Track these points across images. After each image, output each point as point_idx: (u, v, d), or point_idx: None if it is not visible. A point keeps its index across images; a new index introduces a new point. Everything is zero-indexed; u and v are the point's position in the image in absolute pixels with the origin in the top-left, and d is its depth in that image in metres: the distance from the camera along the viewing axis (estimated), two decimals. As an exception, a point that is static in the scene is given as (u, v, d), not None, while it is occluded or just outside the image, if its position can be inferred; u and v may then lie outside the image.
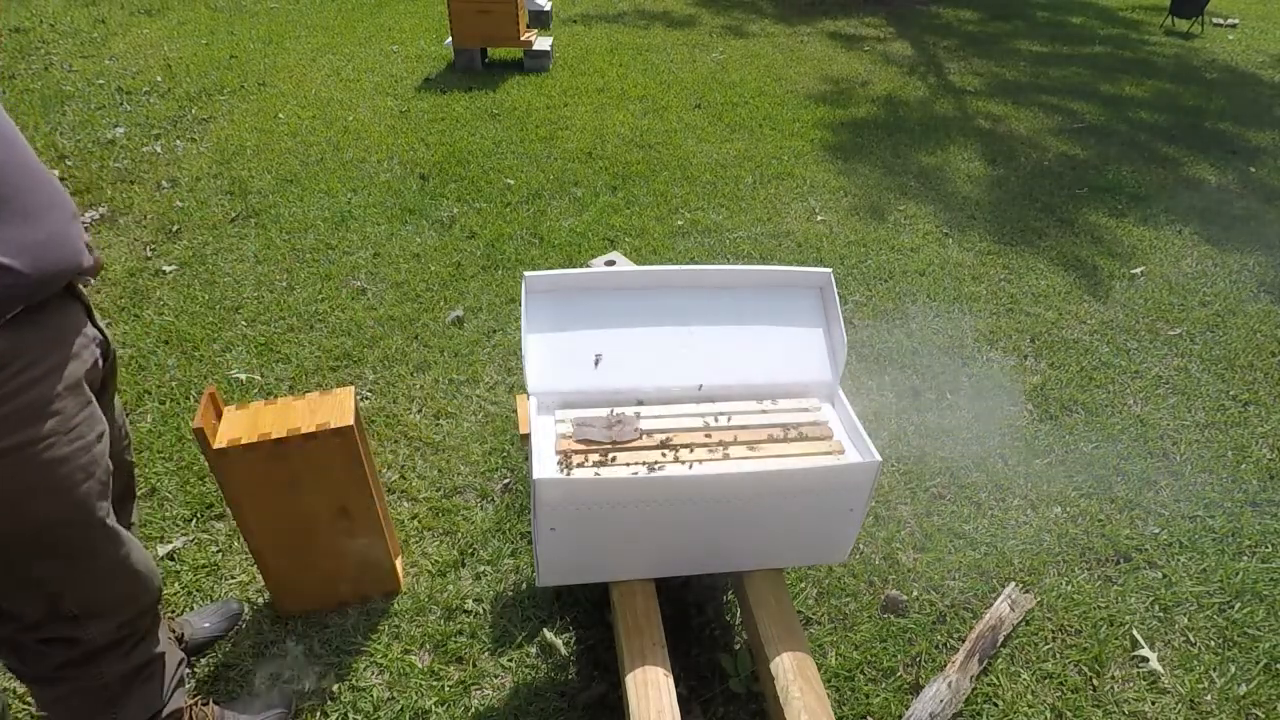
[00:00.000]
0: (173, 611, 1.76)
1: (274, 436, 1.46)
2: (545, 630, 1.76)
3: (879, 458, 1.41)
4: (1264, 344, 2.94)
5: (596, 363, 1.53)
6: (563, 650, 1.73)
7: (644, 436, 1.48)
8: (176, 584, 1.83)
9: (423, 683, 1.66)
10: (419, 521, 2.02)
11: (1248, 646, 1.84)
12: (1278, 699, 1.73)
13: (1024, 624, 1.85)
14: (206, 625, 1.68)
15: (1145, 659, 1.79)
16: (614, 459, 1.42)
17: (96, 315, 1.18)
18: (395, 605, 1.81)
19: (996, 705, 1.68)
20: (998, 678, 1.73)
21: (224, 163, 3.84)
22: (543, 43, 5.47)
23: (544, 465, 1.40)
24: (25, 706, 1.58)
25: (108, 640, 1.20)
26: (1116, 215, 3.87)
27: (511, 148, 4.19)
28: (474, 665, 1.70)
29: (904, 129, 4.80)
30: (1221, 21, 7.92)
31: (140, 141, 4.00)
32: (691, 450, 1.46)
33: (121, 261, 3.03)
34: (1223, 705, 1.71)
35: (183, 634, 1.62)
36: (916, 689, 1.69)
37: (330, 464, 1.53)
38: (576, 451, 1.43)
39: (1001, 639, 1.77)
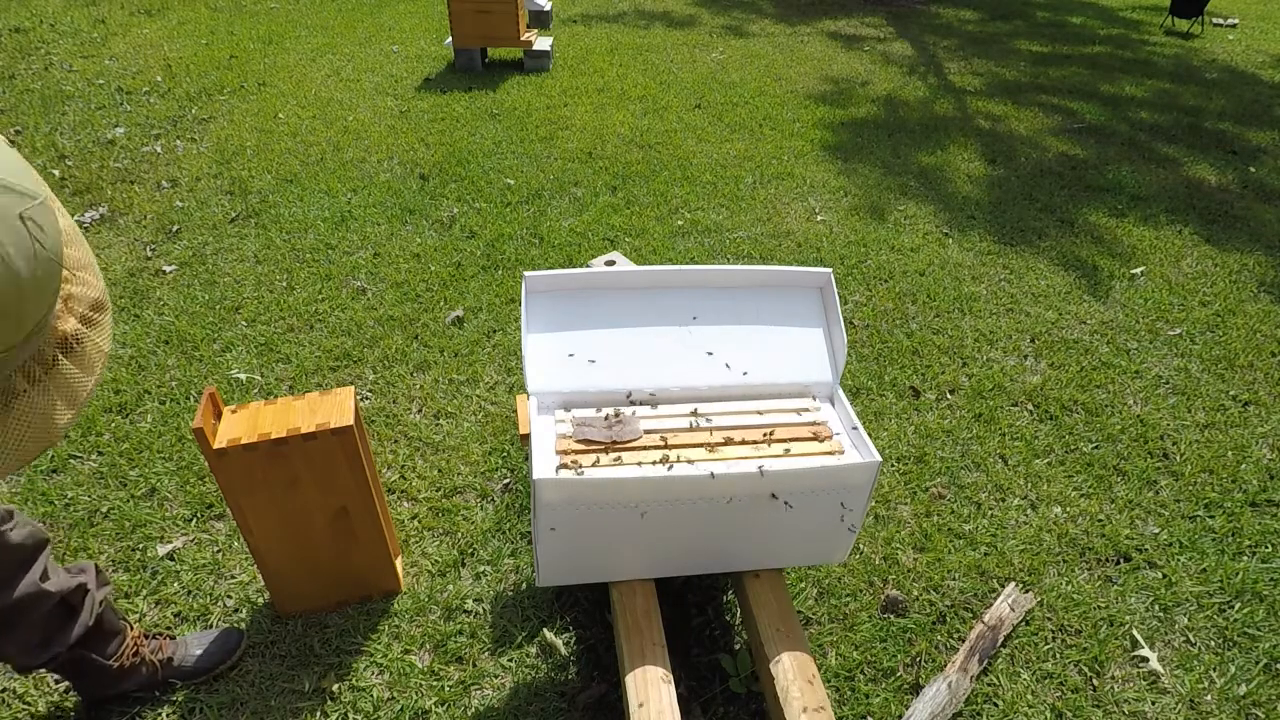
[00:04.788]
0: (169, 627, 1.75)
1: (274, 436, 1.46)
2: (545, 630, 1.76)
3: (879, 458, 1.41)
4: (1264, 344, 2.94)
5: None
6: (563, 650, 1.73)
7: (644, 436, 1.48)
8: (176, 584, 1.83)
9: (423, 683, 1.66)
10: (419, 521, 2.03)
11: (1248, 646, 1.84)
12: (1278, 699, 1.73)
13: (1024, 624, 1.85)
14: (198, 653, 1.62)
15: (1145, 659, 1.79)
16: (614, 459, 1.42)
17: None
18: (395, 605, 1.81)
19: (996, 705, 1.68)
20: (998, 678, 1.73)
21: (224, 163, 3.84)
22: (543, 43, 5.47)
23: (544, 465, 1.40)
24: (25, 706, 1.58)
25: None
26: (1116, 215, 3.87)
27: (511, 148, 4.20)
28: (474, 665, 1.70)
29: (904, 129, 4.80)
30: (1221, 21, 7.92)
31: (140, 141, 4.01)
32: (691, 450, 1.46)
33: (121, 261, 3.03)
34: (1223, 705, 1.71)
35: (171, 657, 1.58)
36: (916, 689, 1.69)
37: (330, 464, 1.53)
38: (576, 451, 1.43)
39: (1001, 639, 1.77)
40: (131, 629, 1.56)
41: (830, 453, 1.49)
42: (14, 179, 0.69)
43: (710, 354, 1.60)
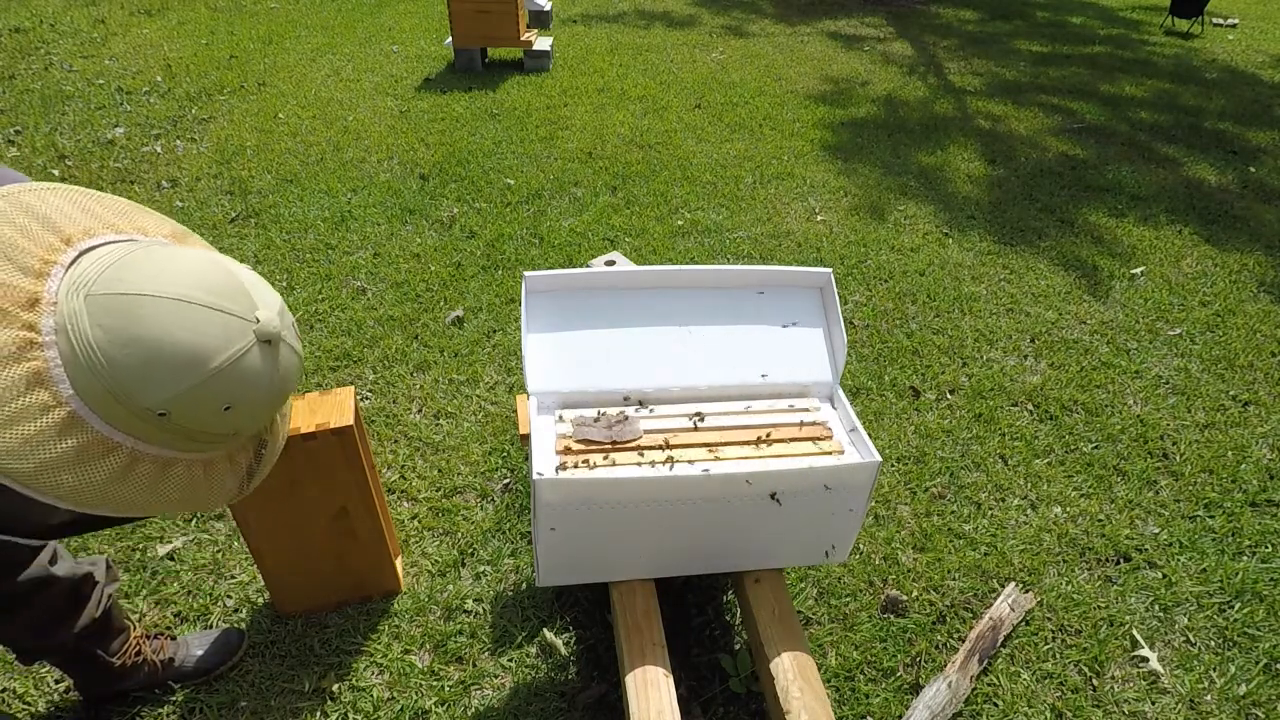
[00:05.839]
0: (169, 627, 1.75)
1: (274, 436, 1.46)
2: (545, 630, 1.76)
3: (879, 458, 1.41)
4: (1264, 344, 2.94)
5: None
6: (563, 650, 1.73)
7: (644, 436, 1.48)
8: (176, 584, 1.83)
9: (423, 683, 1.66)
10: (419, 521, 2.02)
11: (1248, 646, 1.84)
12: (1278, 699, 1.73)
13: (1024, 624, 1.85)
14: (199, 654, 1.62)
15: (1145, 659, 1.79)
16: (614, 459, 1.42)
17: None
18: (395, 605, 1.81)
19: (996, 705, 1.68)
20: (998, 678, 1.73)
21: (224, 163, 3.84)
22: (543, 43, 5.47)
23: (544, 465, 1.40)
24: (25, 706, 1.58)
25: None
26: (1116, 215, 3.87)
27: (511, 148, 4.20)
28: (474, 665, 1.70)
29: (904, 129, 4.80)
30: (1221, 21, 7.92)
31: (140, 141, 4.00)
32: (691, 450, 1.46)
33: (121, 261, 3.03)
34: (1223, 705, 1.71)
35: (172, 657, 1.59)
36: (916, 689, 1.69)
37: (330, 464, 1.53)
38: (577, 451, 1.43)
39: (1001, 639, 1.77)
40: (134, 629, 1.56)
41: (830, 453, 1.49)
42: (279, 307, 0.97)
43: (710, 354, 1.59)
